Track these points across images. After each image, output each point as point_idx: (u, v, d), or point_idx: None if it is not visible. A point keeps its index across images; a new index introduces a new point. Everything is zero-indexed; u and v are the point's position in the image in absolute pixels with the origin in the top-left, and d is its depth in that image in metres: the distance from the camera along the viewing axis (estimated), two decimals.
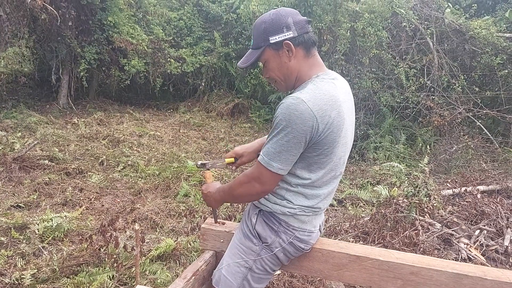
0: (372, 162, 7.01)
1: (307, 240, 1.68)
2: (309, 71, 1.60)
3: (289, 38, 1.55)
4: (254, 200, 1.70)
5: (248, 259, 1.67)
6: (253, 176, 1.55)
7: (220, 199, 1.77)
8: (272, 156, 1.48)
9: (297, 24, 1.56)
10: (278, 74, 1.64)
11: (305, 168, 1.56)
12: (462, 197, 4.87)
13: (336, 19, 7.81)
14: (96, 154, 6.20)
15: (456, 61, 7.88)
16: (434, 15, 7.86)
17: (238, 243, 1.73)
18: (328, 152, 1.53)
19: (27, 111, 8.26)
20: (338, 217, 4.72)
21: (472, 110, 7.39)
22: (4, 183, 4.88)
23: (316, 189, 1.60)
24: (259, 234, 1.66)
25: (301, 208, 1.61)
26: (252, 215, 1.70)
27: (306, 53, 1.60)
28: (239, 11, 9.82)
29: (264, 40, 1.58)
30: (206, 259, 1.88)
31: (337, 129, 1.50)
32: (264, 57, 1.62)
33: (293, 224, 1.63)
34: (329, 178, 1.61)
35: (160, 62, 9.92)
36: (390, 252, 1.71)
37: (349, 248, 1.75)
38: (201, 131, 8.61)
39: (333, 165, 1.58)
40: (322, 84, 1.53)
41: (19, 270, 3.05)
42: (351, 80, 7.77)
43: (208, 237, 1.95)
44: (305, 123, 1.43)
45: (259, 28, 1.61)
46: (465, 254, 3.68)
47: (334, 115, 1.48)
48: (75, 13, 8.39)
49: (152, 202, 4.75)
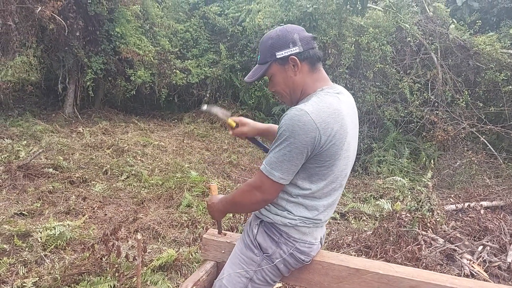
0: (375, 176, 7.00)
1: (308, 252, 1.68)
2: (314, 85, 1.64)
3: (295, 53, 1.60)
4: (255, 210, 1.72)
5: (249, 270, 1.68)
6: (255, 184, 1.58)
7: (223, 209, 1.78)
8: (274, 165, 1.51)
9: (303, 40, 1.61)
10: (284, 88, 1.68)
11: (306, 179, 1.58)
12: (465, 213, 4.85)
13: (341, 33, 7.87)
14: (100, 163, 6.22)
15: (460, 77, 7.91)
16: (438, 31, 7.91)
17: (239, 253, 1.74)
18: (330, 164, 1.55)
19: (33, 120, 8.32)
20: (340, 230, 4.71)
21: (476, 125, 7.40)
22: (8, 190, 4.90)
23: (316, 200, 1.61)
24: (260, 244, 1.67)
25: (302, 219, 1.62)
26: (254, 226, 1.72)
27: (311, 68, 1.64)
28: (245, 24, 9.93)
29: (271, 55, 1.63)
30: (207, 269, 1.89)
31: (339, 142, 1.52)
32: (271, 72, 1.67)
33: (294, 236, 1.64)
34: (329, 189, 1.62)
35: (166, 73, 10.00)
36: (390, 265, 1.71)
37: (349, 261, 1.75)
38: (205, 142, 8.64)
39: (334, 177, 1.60)
40: (326, 97, 1.56)
41: (21, 278, 3.06)
42: (355, 94, 7.81)
43: (210, 247, 1.95)
44: (308, 134, 1.46)
45: (266, 44, 1.65)
46: (467, 270, 3.66)
47: (336, 128, 1.50)
48: (83, 23, 8.49)
49: (155, 212, 4.75)
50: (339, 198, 1.74)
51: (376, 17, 8.11)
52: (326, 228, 4.64)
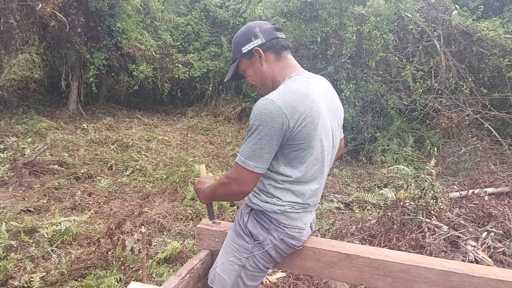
0: (379, 165, 6.99)
1: (298, 237, 1.72)
2: (282, 73, 1.72)
3: (258, 45, 1.71)
4: (236, 200, 1.81)
5: (241, 257, 1.72)
6: (231, 176, 1.63)
7: (208, 196, 1.84)
8: (247, 155, 1.56)
9: (264, 32, 1.72)
10: (256, 80, 1.79)
11: (287, 165, 1.62)
12: (469, 200, 4.84)
13: (342, 23, 7.82)
14: (105, 159, 6.27)
15: (464, 63, 7.85)
16: (441, 17, 7.84)
17: (231, 241, 1.78)
18: (306, 146, 1.59)
19: (38, 117, 8.38)
20: (344, 220, 4.72)
21: (481, 112, 7.35)
22: (14, 187, 4.96)
23: (302, 184, 1.65)
24: (250, 232, 1.71)
25: (291, 204, 1.66)
26: (244, 214, 1.76)
27: (276, 57, 1.73)
28: (246, 15, 9.89)
29: (238, 51, 1.76)
30: (201, 258, 1.92)
31: (311, 124, 1.56)
32: (242, 67, 1.79)
33: (283, 222, 1.67)
34: (313, 172, 1.65)
35: (168, 68, 10.02)
36: (381, 250, 1.74)
37: (340, 246, 1.78)
38: (208, 136, 8.66)
39: (314, 159, 1.63)
40: (293, 83, 1.62)
41: (28, 273, 3.10)
42: (357, 83, 7.78)
43: (204, 236, 1.99)
44: (275, 121, 1.51)
45: (234, 43, 1.79)
46: (472, 257, 3.66)
47: (305, 110, 1.55)
48: (84, 19, 8.50)
49: (160, 206, 4.79)
50: (324, 182, 1.77)
51: (378, 6, 8.05)
52: (330, 218, 4.67)
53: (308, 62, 8.27)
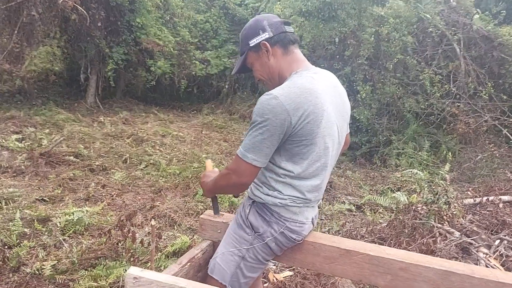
0: (394, 168, 6.92)
1: (299, 231, 1.72)
2: (289, 68, 1.71)
3: (265, 38, 1.70)
4: (235, 192, 1.83)
5: (241, 248, 1.74)
6: (232, 167, 1.64)
7: (211, 188, 1.85)
8: (247, 147, 1.57)
9: (272, 26, 1.71)
10: (263, 74, 1.78)
11: (289, 160, 1.63)
12: (483, 206, 4.76)
13: (360, 24, 7.76)
14: (120, 152, 6.34)
15: (484, 68, 7.71)
16: (462, 21, 7.72)
17: (232, 232, 1.79)
18: (308, 142, 1.59)
19: (56, 109, 8.52)
20: (355, 222, 4.70)
21: (499, 118, 7.22)
22: (30, 177, 5.05)
23: (303, 180, 1.65)
24: (251, 224, 1.72)
25: (291, 198, 1.66)
26: (246, 206, 1.77)
27: (284, 51, 1.72)
28: None
29: (245, 44, 1.75)
30: (203, 248, 1.94)
31: (314, 121, 1.56)
32: (249, 61, 1.79)
33: (284, 215, 1.68)
34: (314, 169, 1.65)
35: (185, 64, 10.09)
36: (382, 247, 1.73)
37: (341, 242, 1.78)
38: (223, 133, 8.69)
39: (316, 156, 1.63)
40: (299, 79, 1.62)
41: (40, 261, 3.16)
42: (374, 85, 7.72)
43: (206, 227, 2.01)
44: (277, 117, 1.51)
45: (241, 35, 1.78)
46: (483, 264, 3.61)
47: (309, 107, 1.54)
48: (104, 14, 8.61)
49: (172, 201, 4.83)
50: (327, 179, 1.76)
51: (397, 7, 7.96)
52: (341, 219, 4.65)
53: (326, 62, 8.23)
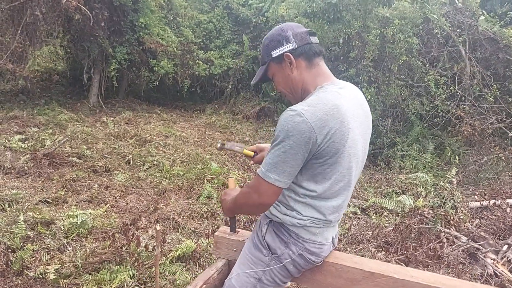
0: (398, 170, 6.88)
1: (318, 253, 1.64)
2: (314, 81, 1.63)
3: (289, 50, 1.60)
4: (255, 213, 1.71)
5: (258, 270, 1.66)
6: (253, 186, 1.56)
7: (230, 207, 1.77)
8: (269, 167, 1.48)
9: (297, 36, 1.61)
10: (285, 87, 1.69)
11: (311, 180, 1.54)
12: (490, 211, 4.72)
13: (365, 25, 7.71)
14: (123, 153, 6.32)
15: (489, 70, 7.66)
16: (467, 23, 7.67)
17: (248, 253, 1.72)
18: (332, 162, 1.50)
19: (59, 109, 8.49)
20: (360, 225, 4.66)
21: (505, 120, 7.17)
22: (34, 178, 5.02)
23: (325, 200, 1.57)
24: (268, 244, 1.65)
25: (311, 219, 1.58)
26: (263, 225, 1.69)
27: (308, 64, 1.63)
28: (268, 15, 9.84)
29: (268, 55, 1.66)
30: (218, 268, 1.86)
31: (340, 139, 1.47)
32: (271, 72, 1.70)
33: (303, 236, 1.60)
34: (337, 189, 1.57)
35: (188, 64, 10.04)
36: (406, 269, 1.66)
37: (364, 263, 1.70)
38: (226, 134, 8.66)
39: (340, 176, 1.55)
40: (325, 94, 1.53)
41: (43, 264, 3.13)
42: (378, 87, 7.67)
43: (221, 245, 1.93)
44: (302, 135, 1.42)
45: (263, 45, 1.70)
46: (491, 270, 3.57)
47: (335, 125, 1.46)
48: (107, 14, 8.57)
49: (175, 203, 4.79)
50: (349, 198, 1.68)
51: (403, 8, 7.92)
52: (346, 223, 4.60)
53: (330, 64, 8.19)
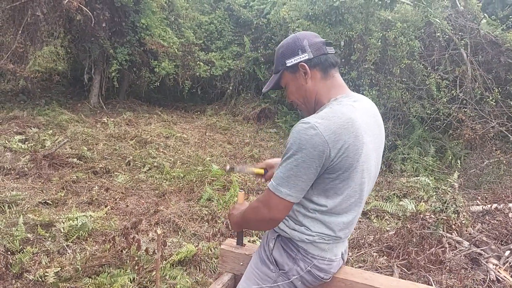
0: (399, 173, 6.86)
1: (327, 269, 1.60)
2: (328, 93, 1.58)
3: (304, 60, 1.56)
4: (265, 229, 1.65)
5: (264, 286, 1.62)
6: (263, 200, 1.51)
7: (238, 221, 1.73)
8: (280, 181, 1.44)
9: (313, 46, 1.57)
10: (298, 97, 1.65)
11: (321, 194, 1.50)
12: (492, 215, 4.70)
13: (367, 28, 7.70)
14: (124, 154, 6.30)
15: (491, 74, 7.64)
16: (469, 26, 7.66)
17: (254, 268, 1.68)
18: (345, 177, 1.46)
19: (59, 109, 8.48)
20: (362, 229, 4.64)
21: (506, 124, 7.16)
22: (33, 179, 5.00)
23: (335, 216, 1.53)
24: (276, 260, 1.61)
25: (320, 235, 1.54)
26: (270, 240, 1.65)
27: (323, 75, 1.58)
28: (270, 17, 9.83)
29: (282, 63, 1.61)
30: (224, 282, 1.82)
31: (353, 154, 1.43)
32: (284, 81, 1.65)
33: (312, 252, 1.56)
34: (348, 205, 1.53)
35: (189, 65, 10.03)
36: (417, 286, 1.62)
37: (374, 280, 1.65)
38: (227, 135, 8.64)
39: (352, 192, 1.51)
40: (339, 107, 1.49)
41: (43, 267, 3.11)
42: (380, 90, 7.65)
43: (227, 259, 1.89)
44: (316, 148, 1.38)
45: (278, 53, 1.65)
46: (493, 275, 3.55)
47: (349, 139, 1.42)
48: (109, 14, 8.56)
49: (176, 205, 4.78)
50: (359, 215, 1.63)
51: (405, 12, 7.90)
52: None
53: None
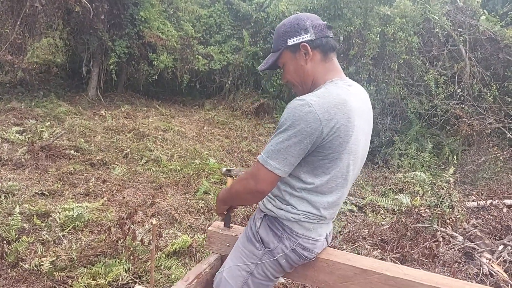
0: (396, 169, 6.89)
1: (311, 249, 1.64)
2: (325, 75, 1.60)
3: (307, 40, 1.57)
4: (251, 201, 1.65)
5: (250, 263, 1.65)
6: (251, 173, 1.53)
7: (223, 197, 1.75)
8: (270, 154, 1.46)
9: (316, 28, 1.58)
10: (295, 77, 1.65)
11: (310, 172, 1.53)
12: (487, 210, 4.73)
13: (366, 23, 7.69)
14: (121, 147, 6.30)
15: (489, 70, 7.66)
16: (468, 22, 7.66)
17: (241, 246, 1.71)
18: (334, 157, 1.49)
19: (57, 101, 8.47)
20: (357, 223, 4.66)
21: (503, 121, 7.18)
22: (30, 170, 5.01)
23: (320, 195, 1.56)
24: (262, 238, 1.64)
25: (306, 214, 1.57)
26: (257, 219, 1.68)
27: (323, 57, 1.60)
28: (269, 10, 9.81)
29: (282, 42, 1.61)
30: (210, 262, 1.86)
31: (344, 135, 1.47)
32: (283, 60, 1.65)
33: (297, 231, 1.59)
34: (334, 185, 1.56)
35: (188, 59, 10.01)
36: (399, 267, 1.65)
37: (356, 260, 1.69)
38: (225, 129, 8.64)
39: (339, 172, 1.54)
40: (334, 88, 1.51)
41: (39, 257, 3.12)
42: (378, 85, 7.67)
43: (214, 240, 1.93)
44: (309, 125, 1.41)
45: (279, 31, 1.64)
46: (486, 270, 3.57)
47: (342, 119, 1.45)
48: (108, 7, 8.53)
49: (172, 198, 4.79)
50: (345, 196, 1.66)
51: (404, 7, 7.89)
52: (343, 220, 4.60)
53: None
